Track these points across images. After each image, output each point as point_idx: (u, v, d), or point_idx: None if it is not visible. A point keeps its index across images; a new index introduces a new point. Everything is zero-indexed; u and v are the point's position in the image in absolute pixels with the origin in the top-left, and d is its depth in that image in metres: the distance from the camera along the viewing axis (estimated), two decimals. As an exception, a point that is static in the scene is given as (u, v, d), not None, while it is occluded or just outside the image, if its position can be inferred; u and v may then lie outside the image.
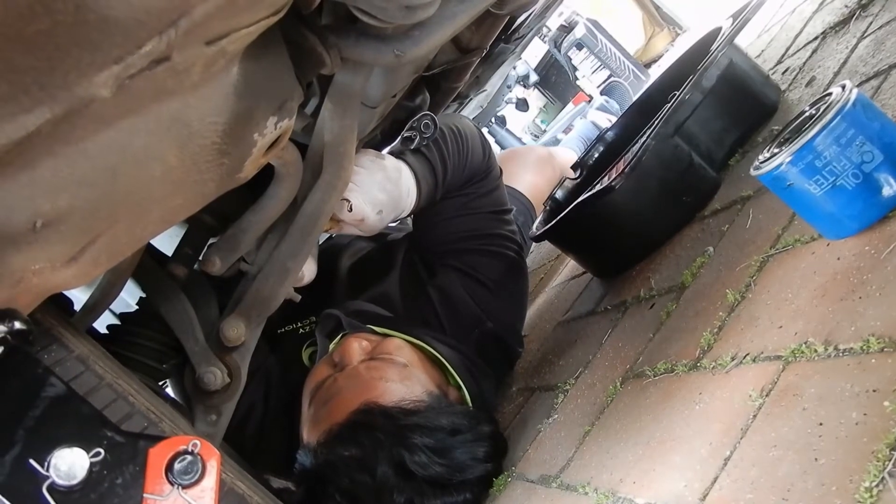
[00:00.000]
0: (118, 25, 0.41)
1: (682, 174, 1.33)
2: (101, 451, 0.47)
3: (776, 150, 0.84)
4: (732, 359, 0.85)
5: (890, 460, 0.54)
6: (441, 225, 1.50)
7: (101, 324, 1.13)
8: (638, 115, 1.84)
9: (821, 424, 0.64)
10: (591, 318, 1.42)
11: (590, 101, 3.76)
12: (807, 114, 0.85)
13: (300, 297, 1.48)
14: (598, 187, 1.39)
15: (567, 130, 3.62)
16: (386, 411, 1.10)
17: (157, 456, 0.48)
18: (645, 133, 1.38)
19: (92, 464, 0.47)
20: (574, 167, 1.88)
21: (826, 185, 0.80)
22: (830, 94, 0.83)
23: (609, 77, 3.58)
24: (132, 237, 0.62)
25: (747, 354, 0.83)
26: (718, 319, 0.95)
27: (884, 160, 0.78)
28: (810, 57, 1.48)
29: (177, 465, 0.48)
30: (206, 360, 1.02)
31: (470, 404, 1.29)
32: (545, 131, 4.40)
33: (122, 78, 0.44)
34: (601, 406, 1.06)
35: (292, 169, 0.96)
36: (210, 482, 0.47)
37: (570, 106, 4.09)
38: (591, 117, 3.32)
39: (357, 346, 1.29)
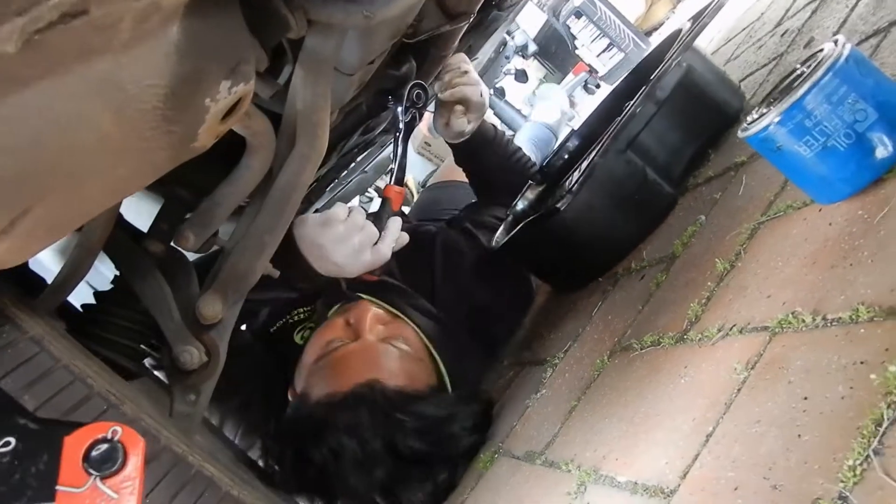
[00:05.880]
0: (16, -28, 0.37)
1: (637, 191, 1.24)
2: (12, 440, 0.44)
3: (765, 111, 0.80)
4: (719, 330, 0.81)
5: (875, 437, 0.50)
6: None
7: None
8: (599, 123, 1.68)
9: (805, 399, 0.60)
10: (583, 290, 1.38)
11: (590, 72, 3.70)
12: (798, 72, 0.80)
13: (278, 273, 1.45)
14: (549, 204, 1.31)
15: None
16: (387, 392, 1.15)
17: (74, 444, 0.44)
18: (595, 149, 1.29)
19: (1, 454, 0.44)
20: (535, 176, 1.74)
21: (817, 146, 0.76)
22: (822, 49, 0.78)
23: (609, 45, 3.52)
24: (73, 210, 0.58)
25: (734, 326, 0.79)
26: (707, 290, 0.91)
27: (878, 119, 0.73)
28: (810, 18, 1.42)
29: (93, 454, 0.44)
30: (182, 339, 0.99)
31: (447, 380, 1.31)
32: (545, 102, 4.33)
33: (28, 32, 0.40)
34: (588, 381, 1.03)
35: (264, 139, 0.92)
36: (133, 471, 0.44)
37: (570, 76, 4.02)
38: (538, 118, 3.23)
39: (372, 315, 1.33)
